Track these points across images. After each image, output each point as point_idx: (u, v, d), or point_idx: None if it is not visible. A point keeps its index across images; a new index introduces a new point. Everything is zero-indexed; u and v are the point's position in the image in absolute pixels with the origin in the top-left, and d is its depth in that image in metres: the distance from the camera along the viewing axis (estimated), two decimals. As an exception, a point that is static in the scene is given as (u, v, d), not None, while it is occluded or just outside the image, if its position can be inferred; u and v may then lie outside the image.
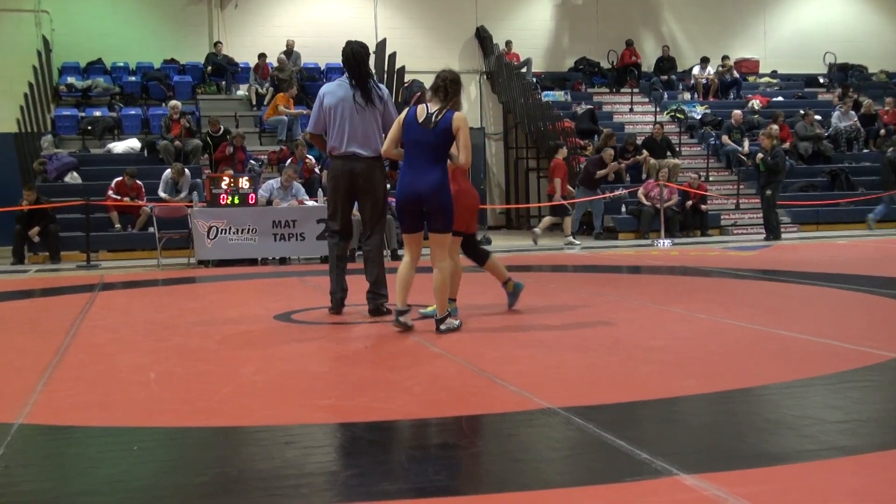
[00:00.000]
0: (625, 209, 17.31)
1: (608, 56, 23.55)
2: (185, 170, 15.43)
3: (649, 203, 16.80)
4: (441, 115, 6.10)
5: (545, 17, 24.05)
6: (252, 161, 16.97)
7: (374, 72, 21.13)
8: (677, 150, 19.56)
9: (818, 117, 20.89)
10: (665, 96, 22.55)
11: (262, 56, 20.39)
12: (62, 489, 3.17)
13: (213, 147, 17.17)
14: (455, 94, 6.19)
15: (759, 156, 15.74)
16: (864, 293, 7.89)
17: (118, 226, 15.17)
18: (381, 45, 21.53)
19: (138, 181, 15.13)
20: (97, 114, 18.81)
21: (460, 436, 3.70)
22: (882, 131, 20.92)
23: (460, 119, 6.12)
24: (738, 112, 20.33)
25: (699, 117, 21.43)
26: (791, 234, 16.84)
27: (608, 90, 23.18)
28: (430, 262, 6.20)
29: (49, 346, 6.04)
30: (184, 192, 15.07)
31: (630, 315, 6.88)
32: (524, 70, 22.14)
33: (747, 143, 19.50)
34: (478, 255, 7.00)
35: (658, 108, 21.65)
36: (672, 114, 21.52)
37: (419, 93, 20.51)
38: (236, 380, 4.88)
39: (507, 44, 22.95)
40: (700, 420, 3.91)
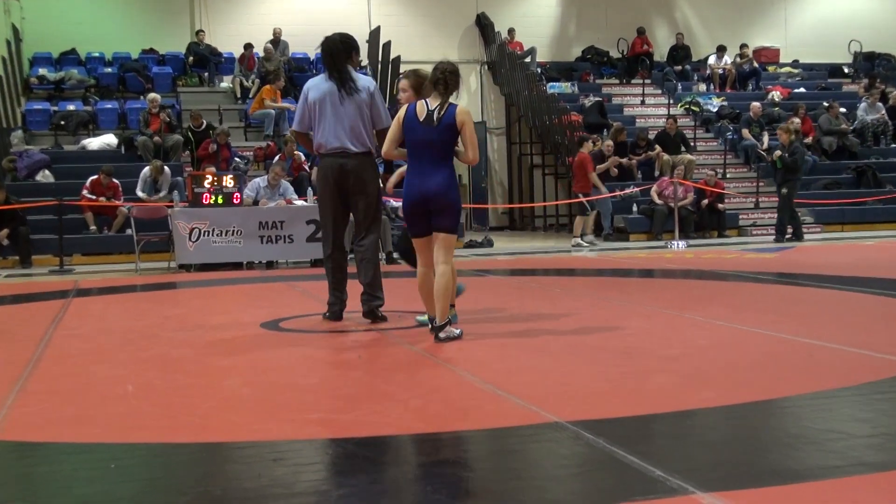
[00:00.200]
0: (636, 209, 17.32)
1: (618, 45, 23.57)
2: (165, 167, 15.43)
3: (662, 202, 16.81)
4: (443, 110, 6.13)
5: (550, 4, 24.08)
6: (237, 158, 16.98)
7: (365, 62, 21.15)
8: (692, 145, 19.58)
9: (843, 110, 20.91)
10: (679, 88, 22.57)
11: (248, 46, 20.40)
12: (34, 510, 3.17)
13: (195, 143, 17.16)
14: (455, 86, 6.22)
15: (777, 153, 15.75)
16: (894, 298, 7.89)
17: (93, 227, 15.16)
18: (375, 34, 21.54)
19: (115, 180, 15.12)
20: (71, 108, 18.82)
21: (461, 452, 3.69)
22: (911, 124, 20.97)
23: (464, 113, 6.16)
24: (756, 104, 20.36)
25: (715, 110, 21.45)
26: (814, 235, 16.85)
27: (618, 81, 23.20)
28: (434, 263, 6.23)
29: (20, 357, 6.03)
30: (163, 192, 15.08)
31: (643, 322, 6.88)
32: (528, 60, 22.16)
33: (767, 138, 19.53)
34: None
35: (671, 101, 21.67)
36: (686, 106, 21.54)
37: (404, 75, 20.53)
38: (220, 392, 4.88)
39: (510, 32, 22.97)
40: (718, 435, 3.91)
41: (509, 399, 4.45)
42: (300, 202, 13.73)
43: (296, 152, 15.78)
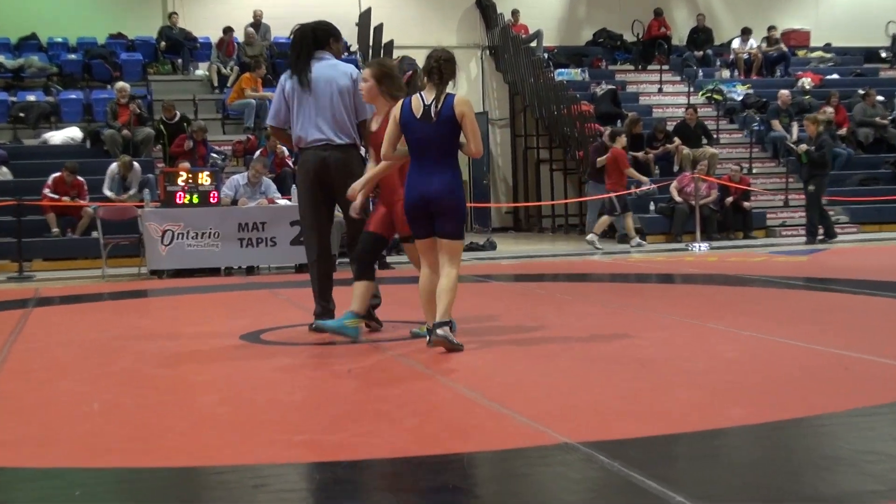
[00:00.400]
0: (654, 207, 17.32)
1: (633, 27, 23.58)
2: (135, 163, 15.43)
3: (682, 200, 16.80)
4: (440, 103, 6.17)
5: (558, -18, 24.11)
6: (213, 154, 16.95)
7: (354, 47, 21.14)
8: (715, 137, 19.58)
9: (880, 98, 20.92)
10: (700, 74, 22.58)
11: (227, 30, 20.37)
12: (-11, 543, 3.15)
13: (168, 137, 17.16)
14: (451, 75, 6.24)
15: (802, 146, 15.74)
16: (938, 305, 7.89)
17: (56, 230, 15.15)
18: (366, 16, 21.56)
19: (79, 177, 15.11)
20: (31, 98, 18.80)
21: (460, 477, 3.68)
22: (956, 114, 20.97)
23: (464, 102, 6.20)
24: (785, 92, 20.36)
25: (740, 99, 21.46)
26: (849, 236, 16.85)
27: (633, 67, 23.21)
28: (439, 268, 6.29)
29: (-26, 373, 6.02)
30: (133, 190, 15.07)
31: (662, 332, 6.86)
32: (534, 44, 22.17)
33: (796, 129, 19.52)
34: (367, 266, 6.78)
35: (692, 89, 21.68)
36: (708, 95, 21.55)
37: (410, 72, 20.55)
38: (195, 411, 4.86)
39: (514, 14, 22.98)
40: (746, 456, 3.89)
41: (514, 417, 4.43)
42: (283, 201, 13.72)
43: (279, 147, 15.78)
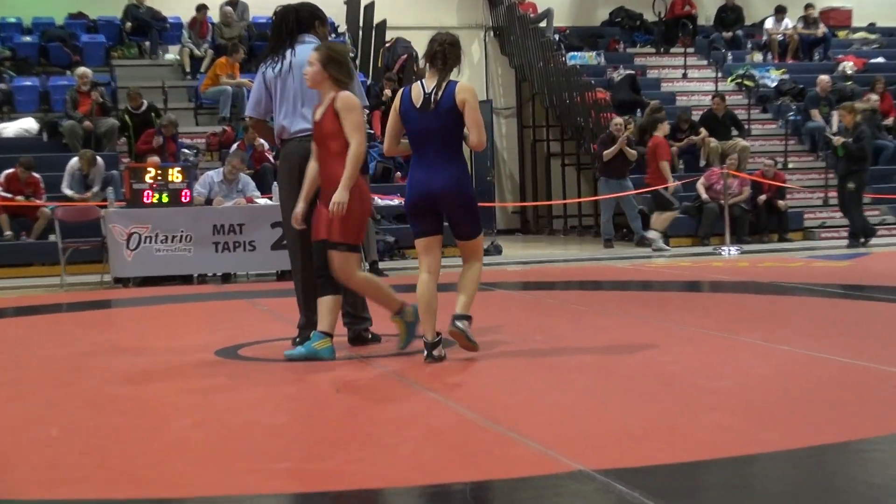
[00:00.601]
0: (678, 205, 17.29)
1: (654, 5, 23.59)
2: (98, 158, 15.41)
3: (711, 198, 16.79)
4: (441, 91, 6.26)
5: (570, -45, 24.13)
6: (185, 150, 16.89)
7: (343, 27, 21.15)
8: (746, 128, 19.58)
9: (931, 84, 20.93)
10: (729, 58, 22.58)
11: (201, 8, 20.33)
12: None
13: (134, 129, 17.13)
14: (456, 61, 6.34)
15: (837, 138, 15.73)
16: None
17: (9, 233, 15.13)
18: (356, -7, 21.56)
19: (35, 174, 15.09)
20: (-20, 85, 18.80)
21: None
22: None
23: (465, 90, 6.29)
24: (825, 78, 20.35)
25: (774, 85, 21.46)
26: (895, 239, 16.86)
27: (654, 50, 23.20)
28: (463, 263, 6.54)
29: (-82, 394, 6.02)
30: (96, 188, 15.06)
31: (688, 347, 6.86)
32: (543, 24, 22.17)
33: (837, 119, 19.52)
34: (332, 280, 6.71)
35: (720, 74, 21.68)
36: (738, 81, 21.55)
37: (405, 55, 20.57)
38: (166, 436, 4.86)
39: (521, -10, 23.01)
40: (781, 485, 3.88)
41: (523, 442, 4.43)
42: (264, 201, 13.71)
43: (258, 140, 15.78)
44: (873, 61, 22.83)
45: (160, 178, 13.01)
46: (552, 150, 22.54)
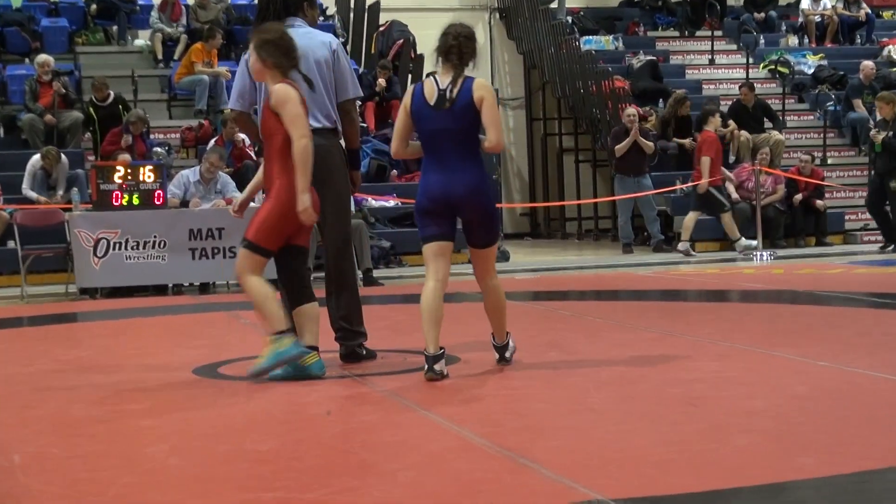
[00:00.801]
0: (704, 207, 17.32)
1: (677, -16, 23.65)
2: (62, 156, 15.38)
3: (741, 198, 16.79)
4: (457, 87, 6.41)
5: (584, -72, 24.18)
6: (157, 148, 16.83)
7: (332, 10, 21.19)
8: (780, 119, 19.59)
9: None
10: (761, 42, 22.60)
11: (172, -13, 20.38)
12: None
13: (99, 123, 17.11)
14: (472, 55, 6.52)
15: (874, 131, 15.73)
16: None
17: (-37, 239, 15.14)
18: (346, -28, 21.60)
19: (-9, 173, 15.12)
20: (-70, 76, 18.83)
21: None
22: None
23: (483, 87, 6.48)
24: (868, 64, 20.36)
25: (811, 72, 21.48)
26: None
27: (678, 34, 23.23)
28: (476, 279, 6.77)
29: None
30: (61, 190, 15.00)
31: (717, 363, 6.88)
32: (555, 5, 22.21)
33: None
34: (293, 289, 6.78)
35: (751, 60, 21.69)
36: (772, 67, 21.57)
37: (401, 41, 20.58)
38: (140, 463, 4.87)
39: (530, -33, 23.05)
40: (821, 516, 3.91)
41: (535, 469, 4.45)
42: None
43: (238, 134, 15.79)
44: (921, 45, 22.85)
45: (130, 177, 13.00)
46: (565, 145, 22.57)
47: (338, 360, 7.18)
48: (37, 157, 15.29)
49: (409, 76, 20.38)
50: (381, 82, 18.69)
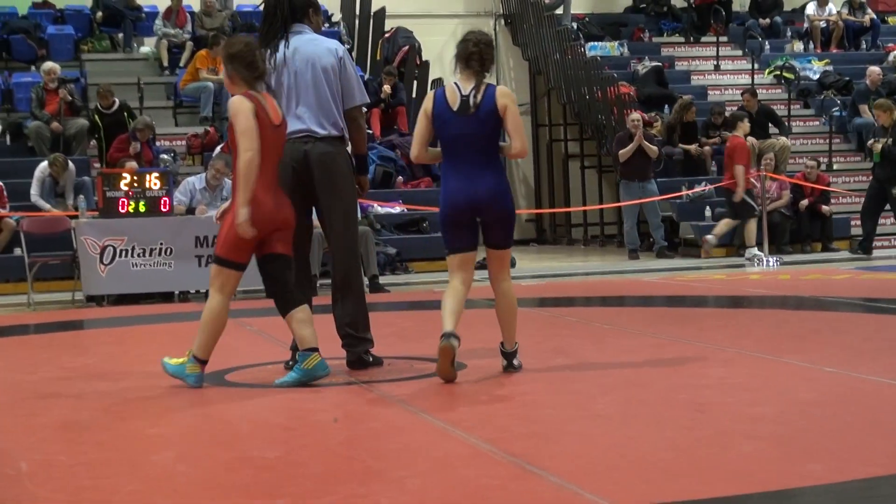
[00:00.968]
0: (710, 213, 17.31)
1: (682, -10, 23.65)
2: (70, 163, 15.37)
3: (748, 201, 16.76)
4: (480, 94, 6.59)
5: (589, -66, 24.19)
6: (164, 155, 16.82)
7: (337, 16, 21.19)
8: (786, 125, 19.57)
9: None
10: (767, 47, 22.59)
11: (176, -7, 20.38)
12: None
13: (105, 130, 17.09)
14: (491, 62, 6.71)
15: (871, 140, 15.63)
16: None
17: (-31, 247, 15.15)
18: (352, -22, 21.61)
19: (-2, 181, 15.12)
20: (-64, 83, 18.86)
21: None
22: None
23: (506, 94, 6.70)
24: (874, 69, 20.32)
25: (817, 77, 21.46)
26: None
27: (683, 40, 23.22)
28: (490, 282, 6.86)
29: None
30: (70, 200, 14.94)
31: (723, 369, 6.88)
32: (560, 11, 22.21)
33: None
34: (277, 297, 6.81)
35: (756, 65, 21.68)
36: (777, 73, 21.56)
37: (406, 47, 20.58)
38: (147, 470, 4.88)
39: (535, -26, 23.05)
40: (828, 522, 3.91)
41: (542, 476, 4.45)
42: (251, 209, 13.73)
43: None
44: (927, 50, 22.82)
45: (136, 184, 13.00)
46: (570, 151, 22.54)
47: (344, 366, 7.19)
48: (45, 164, 15.28)
49: (415, 82, 20.39)
50: (387, 89, 18.68)
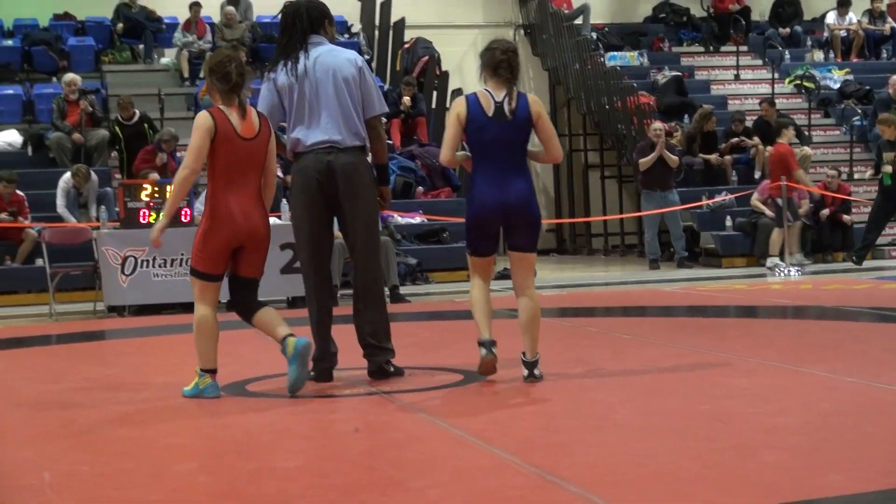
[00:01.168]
0: (731, 223, 17.28)
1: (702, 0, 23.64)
2: (93, 174, 15.43)
3: (769, 214, 16.71)
4: (514, 101, 6.75)
5: (609, -55, 24.20)
6: (184, 166, 16.91)
7: (357, 27, 21.24)
8: (806, 134, 19.54)
9: None
10: (787, 57, 22.57)
11: (194, 6, 20.42)
12: None
13: (125, 141, 17.15)
14: (518, 69, 6.89)
15: (886, 164, 15.48)
16: None
17: (-9, 258, 15.21)
18: (372, -11, 21.66)
19: (19, 191, 15.17)
20: (-41, 95, 18.94)
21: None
22: None
23: (538, 103, 6.91)
24: (895, 78, 20.31)
25: (837, 86, 21.43)
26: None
27: (703, 49, 23.21)
28: (514, 290, 6.89)
29: None
30: (93, 212, 14.99)
31: (745, 380, 6.87)
32: (579, 22, 22.23)
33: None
34: (240, 312, 7.15)
35: (776, 75, 21.66)
36: (797, 82, 21.52)
37: (426, 57, 20.62)
38: (168, 481, 4.89)
39: (555, -16, 23.07)
40: (851, 533, 3.90)
41: (562, 486, 4.45)
42: (272, 220, 13.75)
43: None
44: (948, 59, 22.76)
45: (157, 195, 13.05)
46: (590, 161, 22.58)
47: (366, 376, 7.20)
48: (68, 175, 15.34)
49: (434, 93, 20.43)
50: (406, 100, 18.72)
